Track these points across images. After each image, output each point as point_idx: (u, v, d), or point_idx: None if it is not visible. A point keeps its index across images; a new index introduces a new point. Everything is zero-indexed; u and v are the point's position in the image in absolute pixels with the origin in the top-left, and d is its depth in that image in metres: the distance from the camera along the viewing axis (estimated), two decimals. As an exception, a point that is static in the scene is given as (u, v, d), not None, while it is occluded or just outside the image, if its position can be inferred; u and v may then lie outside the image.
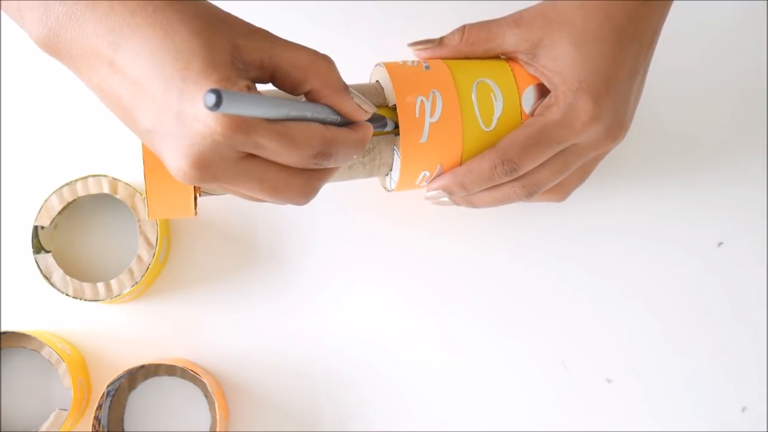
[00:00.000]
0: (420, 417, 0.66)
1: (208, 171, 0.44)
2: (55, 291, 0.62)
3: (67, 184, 0.63)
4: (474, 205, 0.60)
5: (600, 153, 0.59)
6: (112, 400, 0.64)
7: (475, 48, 0.58)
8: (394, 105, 0.55)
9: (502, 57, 0.59)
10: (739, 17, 0.69)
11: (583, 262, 0.67)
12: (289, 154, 0.45)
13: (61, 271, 0.63)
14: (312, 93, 0.48)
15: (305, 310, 0.66)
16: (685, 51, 0.69)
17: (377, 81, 0.58)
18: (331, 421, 0.65)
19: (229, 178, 0.45)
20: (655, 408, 0.67)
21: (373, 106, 0.50)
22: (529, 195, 0.58)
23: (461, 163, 0.57)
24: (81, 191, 0.63)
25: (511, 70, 0.58)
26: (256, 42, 0.46)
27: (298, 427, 0.65)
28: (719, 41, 0.69)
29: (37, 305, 0.65)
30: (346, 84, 0.49)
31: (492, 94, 0.57)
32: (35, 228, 0.63)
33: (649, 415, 0.67)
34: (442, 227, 0.67)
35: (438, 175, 0.58)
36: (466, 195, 0.59)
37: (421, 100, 0.55)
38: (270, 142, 0.44)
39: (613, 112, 0.56)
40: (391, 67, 0.57)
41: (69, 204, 0.63)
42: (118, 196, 0.63)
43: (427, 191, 0.59)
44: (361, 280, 0.66)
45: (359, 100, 0.49)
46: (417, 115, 0.55)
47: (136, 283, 0.62)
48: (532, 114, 0.57)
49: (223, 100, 0.38)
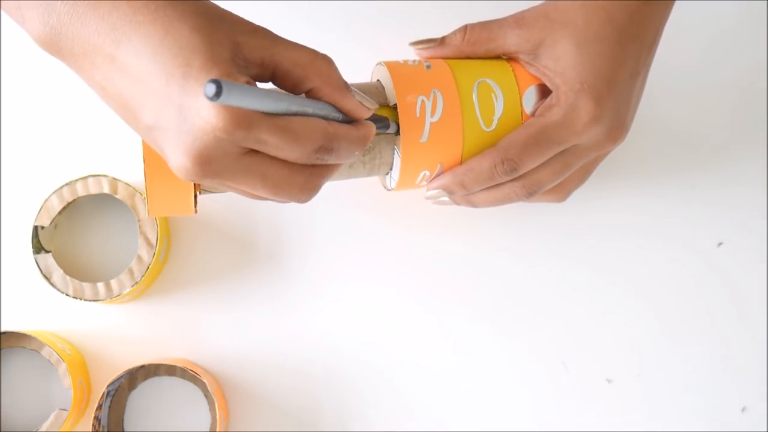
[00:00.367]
0: (420, 417, 0.66)
1: (210, 167, 0.44)
2: (55, 291, 0.62)
3: (67, 184, 0.63)
4: (474, 205, 0.60)
5: (601, 154, 0.59)
6: (112, 400, 0.64)
7: (476, 48, 0.58)
8: (395, 104, 0.55)
9: (504, 57, 0.59)
10: (739, 17, 0.70)
11: (583, 261, 0.67)
12: (291, 149, 0.45)
13: (61, 271, 0.62)
14: (313, 91, 0.48)
15: (305, 310, 0.66)
16: (686, 51, 0.69)
17: (378, 80, 0.58)
18: (331, 421, 0.65)
19: (230, 175, 0.45)
20: (655, 408, 0.67)
21: (374, 103, 0.50)
22: (530, 195, 0.58)
23: (461, 163, 0.57)
24: (81, 191, 0.63)
25: (513, 70, 0.58)
26: (257, 40, 0.46)
27: (298, 427, 0.65)
28: (719, 41, 0.69)
29: (37, 305, 0.65)
30: (347, 82, 0.49)
31: (493, 94, 0.57)
32: (35, 228, 0.63)
33: (649, 415, 0.67)
34: (442, 227, 0.67)
35: (438, 175, 0.58)
36: (466, 194, 0.59)
37: (422, 100, 0.55)
38: (272, 137, 0.44)
39: (614, 113, 0.56)
40: (392, 67, 0.57)
41: (69, 204, 0.63)
42: (118, 196, 0.63)
43: (427, 190, 0.59)
44: (361, 279, 0.66)
45: (360, 98, 0.49)
46: (417, 115, 0.55)
47: (136, 283, 0.62)
48: (533, 114, 0.57)
49: (223, 90, 0.38)
